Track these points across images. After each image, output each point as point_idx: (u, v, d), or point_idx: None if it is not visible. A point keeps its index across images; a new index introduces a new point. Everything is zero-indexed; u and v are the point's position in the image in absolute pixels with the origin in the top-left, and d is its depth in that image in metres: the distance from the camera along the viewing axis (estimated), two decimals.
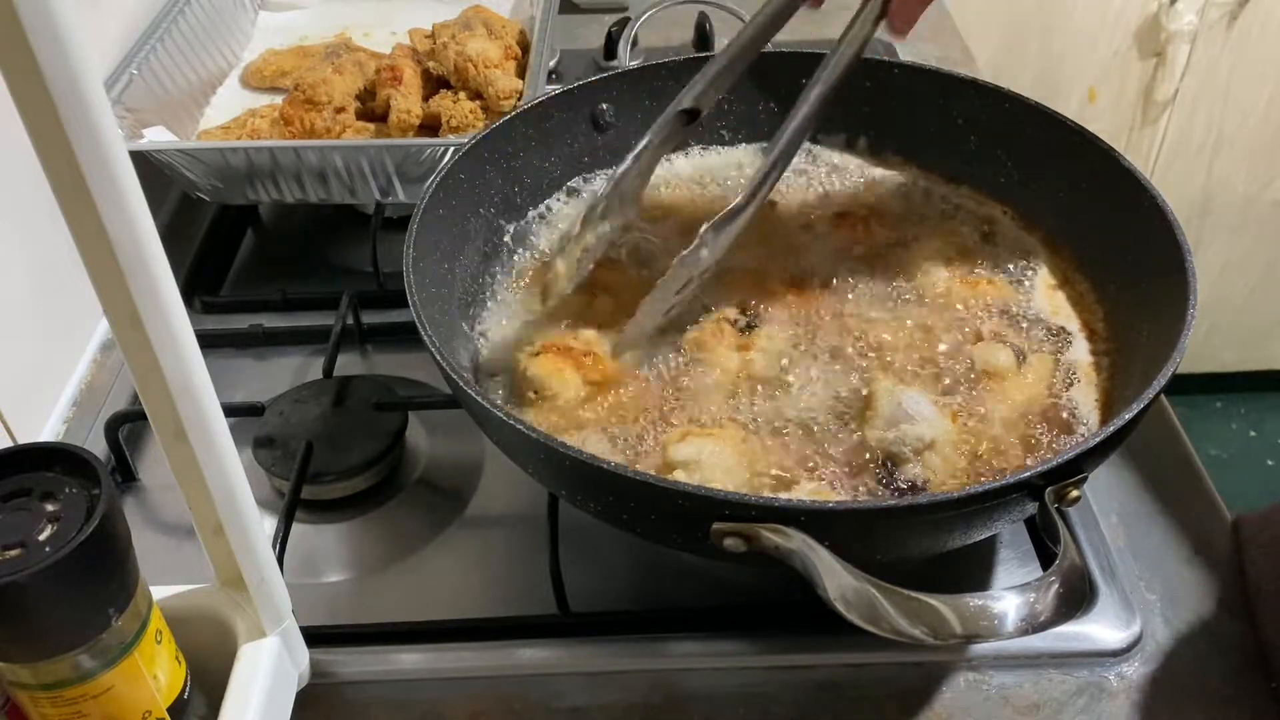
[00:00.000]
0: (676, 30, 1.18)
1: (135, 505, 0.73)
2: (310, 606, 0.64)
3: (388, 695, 0.62)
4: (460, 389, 0.57)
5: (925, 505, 0.51)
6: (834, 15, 1.25)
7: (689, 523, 0.52)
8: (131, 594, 0.45)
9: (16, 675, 0.45)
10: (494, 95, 0.92)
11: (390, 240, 0.77)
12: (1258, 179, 1.80)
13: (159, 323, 0.40)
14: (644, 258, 0.75)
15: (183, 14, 1.00)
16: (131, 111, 0.89)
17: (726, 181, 0.82)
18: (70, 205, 0.36)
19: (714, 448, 0.60)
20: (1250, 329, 1.98)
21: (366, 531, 0.71)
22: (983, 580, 0.66)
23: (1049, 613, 0.48)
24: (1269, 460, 2.04)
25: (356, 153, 0.84)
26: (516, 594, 0.66)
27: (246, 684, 0.51)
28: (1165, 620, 0.64)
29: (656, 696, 0.61)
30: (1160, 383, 0.54)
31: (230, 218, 0.97)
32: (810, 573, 0.49)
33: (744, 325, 0.69)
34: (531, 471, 0.59)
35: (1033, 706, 0.60)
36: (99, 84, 0.34)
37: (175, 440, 0.44)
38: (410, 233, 0.65)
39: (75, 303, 0.82)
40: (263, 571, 0.51)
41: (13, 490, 0.44)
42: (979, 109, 0.77)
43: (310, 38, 1.09)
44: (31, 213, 0.75)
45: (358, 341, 0.85)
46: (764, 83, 0.82)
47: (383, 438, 0.73)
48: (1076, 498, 0.53)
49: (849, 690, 0.61)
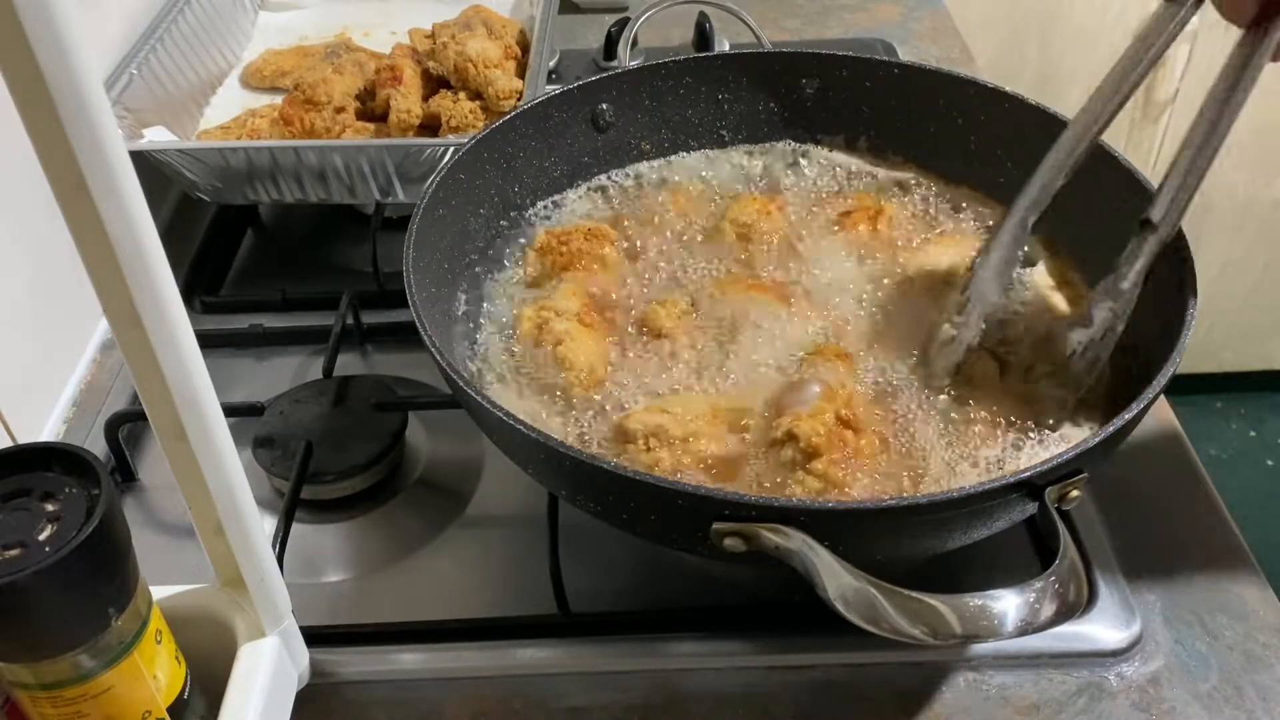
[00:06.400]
0: (676, 30, 1.18)
1: (135, 505, 0.73)
2: (310, 606, 0.64)
3: (388, 695, 0.62)
4: (460, 389, 0.57)
5: (925, 505, 0.51)
6: (834, 15, 1.27)
7: (689, 523, 0.52)
8: (131, 594, 0.45)
9: (16, 675, 0.45)
10: (494, 95, 0.92)
11: (390, 240, 0.77)
12: (1258, 179, 1.80)
13: (159, 323, 0.40)
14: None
15: (183, 14, 1.00)
16: (131, 111, 0.89)
17: (727, 181, 0.82)
18: (70, 205, 0.36)
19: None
20: (1250, 329, 1.98)
21: (366, 531, 0.71)
22: (983, 580, 0.66)
23: (1049, 613, 0.48)
24: (1269, 460, 2.04)
25: (356, 153, 0.84)
26: (516, 594, 0.66)
27: (246, 684, 0.51)
28: (1165, 620, 0.64)
29: (656, 696, 0.61)
30: (1160, 383, 0.54)
31: (230, 218, 0.97)
32: (810, 573, 0.49)
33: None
34: (531, 471, 0.59)
35: (1033, 706, 0.60)
36: (99, 84, 0.34)
37: (175, 440, 0.44)
38: (410, 233, 0.65)
39: (75, 303, 0.82)
40: (263, 571, 0.51)
41: (13, 490, 0.44)
42: (979, 109, 0.77)
43: (310, 38, 1.09)
44: (31, 213, 0.75)
45: (358, 341, 0.85)
46: (764, 83, 0.82)
47: (383, 438, 0.73)
48: (1076, 498, 0.53)
49: (849, 690, 0.61)
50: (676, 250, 0.76)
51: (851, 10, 1.29)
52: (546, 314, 0.69)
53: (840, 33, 1.24)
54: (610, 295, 0.72)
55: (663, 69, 0.81)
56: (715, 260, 0.75)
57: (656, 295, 0.72)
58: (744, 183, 0.82)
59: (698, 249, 0.76)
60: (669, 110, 0.82)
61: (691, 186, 0.81)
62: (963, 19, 1.28)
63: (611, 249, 0.75)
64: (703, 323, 0.70)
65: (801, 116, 0.83)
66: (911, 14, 1.28)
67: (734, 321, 0.69)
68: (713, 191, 0.81)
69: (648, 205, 0.80)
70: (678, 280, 0.73)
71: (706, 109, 0.83)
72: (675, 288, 0.73)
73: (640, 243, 0.76)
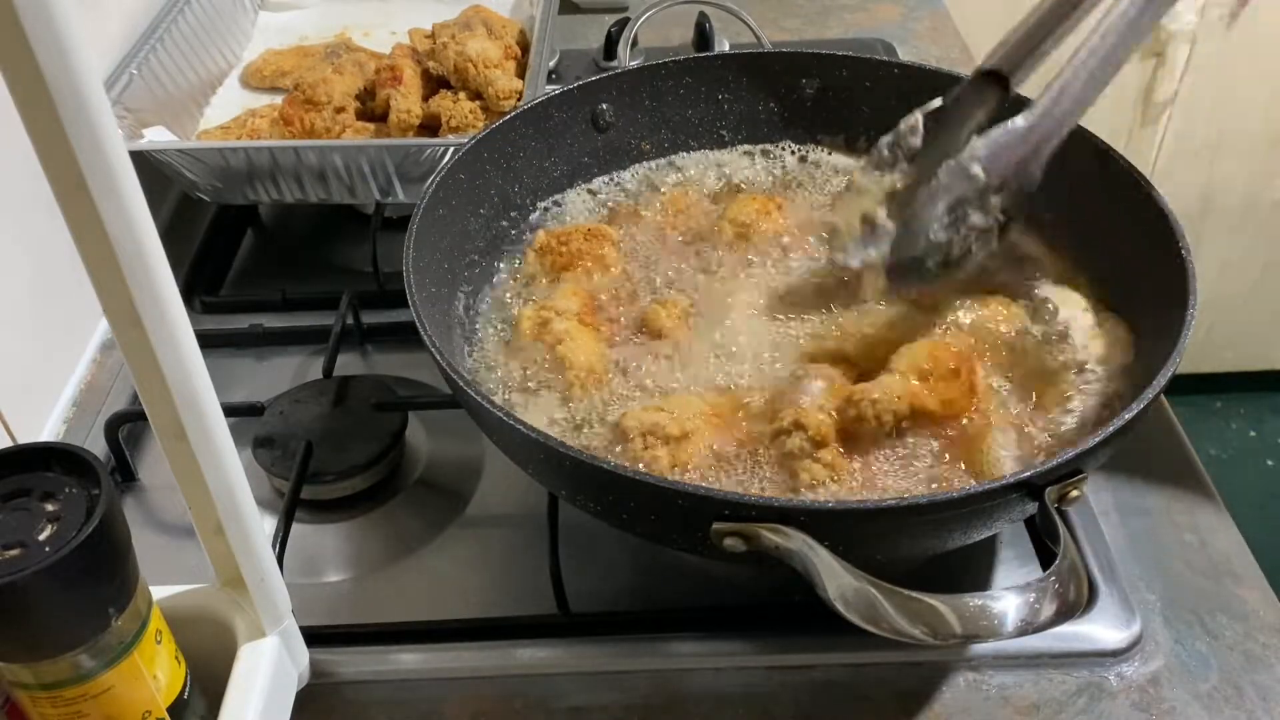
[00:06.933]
0: (676, 30, 1.18)
1: (135, 505, 0.73)
2: (310, 606, 0.64)
3: (388, 695, 0.62)
4: (460, 389, 0.57)
5: (925, 505, 0.51)
6: (834, 15, 1.27)
7: (689, 523, 0.52)
8: (131, 594, 0.45)
9: (16, 675, 0.45)
10: (494, 95, 0.92)
11: (390, 240, 0.77)
12: (1258, 179, 1.80)
13: (159, 323, 0.40)
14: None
15: (183, 14, 1.00)
16: (131, 111, 0.89)
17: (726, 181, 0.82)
18: (70, 205, 0.36)
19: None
20: (1250, 329, 1.98)
21: (366, 531, 0.71)
22: (983, 580, 0.66)
23: (1049, 613, 0.48)
24: (1269, 460, 2.04)
25: (356, 153, 0.84)
26: (516, 594, 0.66)
27: (246, 684, 0.51)
28: (1165, 620, 0.64)
29: (656, 696, 0.61)
30: (1160, 383, 0.54)
31: (230, 218, 0.97)
32: (810, 573, 0.49)
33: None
34: (531, 471, 0.60)
35: (1033, 706, 0.60)
36: (99, 84, 0.34)
37: (175, 440, 0.44)
38: (410, 233, 0.65)
39: (75, 303, 0.82)
40: (263, 571, 0.51)
41: (13, 490, 0.44)
42: None
43: (310, 38, 1.09)
44: (31, 213, 0.75)
45: (358, 341, 0.85)
46: (764, 83, 0.82)
47: (383, 438, 0.73)
48: (1077, 498, 0.53)
49: (849, 690, 0.61)
50: (676, 250, 0.76)
51: (851, 10, 1.29)
52: (546, 314, 0.69)
53: (840, 33, 1.24)
54: (610, 295, 0.72)
55: (663, 69, 0.81)
56: (715, 260, 0.75)
57: (656, 295, 0.72)
58: (744, 183, 0.82)
59: (697, 249, 0.76)
60: (669, 110, 0.82)
61: (691, 186, 0.81)
62: (963, 19, 1.28)
63: (611, 249, 0.75)
64: (702, 323, 0.70)
65: (801, 116, 0.83)
66: (911, 14, 1.28)
67: (734, 321, 0.69)
68: (712, 191, 0.81)
69: (647, 205, 0.80)
70: (677, 280, 0.73)
71: (706, 109, 0.83)
72: (675, 287, 0.73)
73: (640, 243, 0.76)
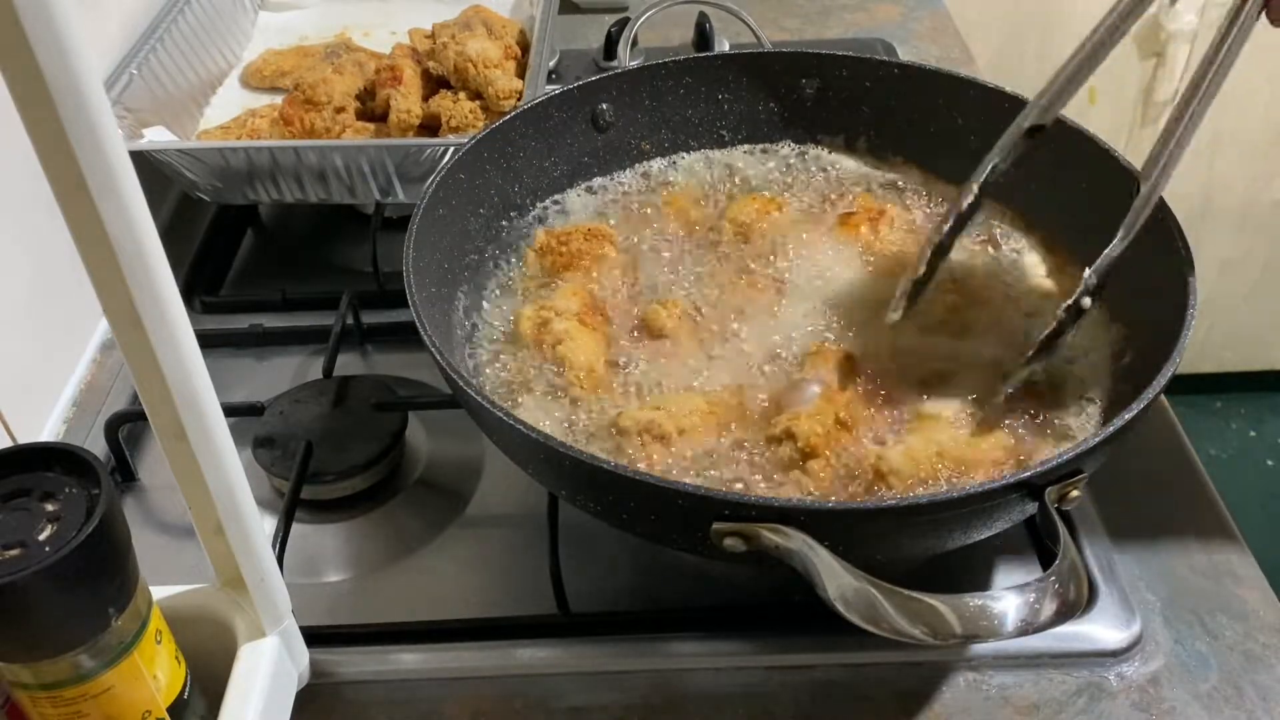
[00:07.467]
0: (676, 30, 1.18)
1: (135, 505, 0.73)
2: (310, 606, 0.64)
3: (388, 695, 0.62)
4: (460, 389, 0.57)
5: (925, 505, 0.51)
6: (834, 15, 1.27)
7: (689, 523, 0.52)
8: (131, 594, 0.45)
9: (16, 675, 0.45)
10: (494, 95, 0.92)
11: (390, 240, 0.77)
12: (1258, 179, 1.80)
13: (159, 323, 0.40)
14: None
15: (183, 14, 1.00)
16: (131, 111, 0.89)
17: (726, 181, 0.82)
18: (70, 205, 0.36)
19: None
20: (1250, 329, 1.98)
21: (366, 531, 0.71)
22: (983, 580, 0.66)
23: (1049, 613, 0.48)
24: (1269, 460, 2.04)
25: (356, 153, 0.84)
26: (516, 594, 0.66)
27: (246, 684, 0.51)
28: (1165, 620, 0.64)
29: (656, 696, 0.61)
30: (1160, 383, 0.54)
31: (230, 218, 0.97)
32: (810, 573, 0.49)
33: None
34: (531, 471, 0.60)
35: (1033, 706, 0.60)
36: (99, 84, 0.34)
37: (175, 440, 0.44)
38: (410, 233, 0.65)
39: (75, 303, 0.82)
40: (263, 571, 0.51)
41: (13, 490, 0.44)
42: (979, 109, 0.77)
43: (310, 38, 1.09)
44: (31, 213, 0.75)
45: (358, 341, 0.85)
46: (764, 83, 0.82)
47: (383, 438, 0.73)
48: (1077, 498, 0.53)
49: (849, 690, 0.61)
50: (676, 250, 0.76)
51: (851, 10, 1.29)
52: (546, 314, 0.69)
53: (840, 33, 1.24)
54: (610, 295, 0.72)
55: (663, 69, 0.81)
56: (715, 260, 0.75)
57: (656, 295, 0.72)
58: (744, 183, 0.82)
59: (697, 249, 0.76)
60: (669, 110, 0.82)
61: (691, 186, 0.81)
62: (963, 19, 1.28)
63: (611, 249, 0.75)
64: (702, 323, 0.70)
65: (801, 116, 0.83)
66: (911, 14, 1.28)
67: (734, 321, 0.70)
68: (712, 191, 0.81)
69: (648, 205, 0.80)
70: (678, 280, 0.73)
71: (706, 109, 0.83)
72: (675, 288, 0.73)
73: (640, 243, 0.76)
